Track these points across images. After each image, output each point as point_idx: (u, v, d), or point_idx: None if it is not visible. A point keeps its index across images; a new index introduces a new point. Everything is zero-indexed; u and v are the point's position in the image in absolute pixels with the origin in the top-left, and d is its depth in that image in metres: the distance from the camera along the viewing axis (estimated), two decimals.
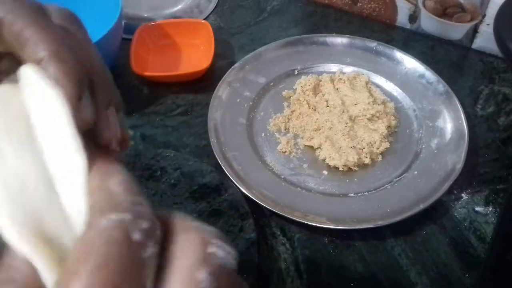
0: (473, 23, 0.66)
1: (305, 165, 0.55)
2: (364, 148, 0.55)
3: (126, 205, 0.18)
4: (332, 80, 0.61)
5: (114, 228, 0.17)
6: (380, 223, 0.48)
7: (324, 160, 0.55)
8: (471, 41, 0.68)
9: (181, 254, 0.18)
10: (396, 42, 0.70)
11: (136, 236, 0.17)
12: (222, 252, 0.19)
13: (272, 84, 0.63)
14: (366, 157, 0.54)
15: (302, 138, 0.58)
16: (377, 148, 0.55)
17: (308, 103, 0.60)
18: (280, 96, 0.62)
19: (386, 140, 0.56)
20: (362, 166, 0.55)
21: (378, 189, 0.53)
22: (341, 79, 0.61)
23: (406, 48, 0.67)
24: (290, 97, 0.61)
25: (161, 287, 0.17)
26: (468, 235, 0.50)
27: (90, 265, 0.16)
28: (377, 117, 0.57)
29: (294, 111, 0.60)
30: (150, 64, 0.66)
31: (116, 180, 0.19)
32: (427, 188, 0.51)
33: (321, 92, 0.61)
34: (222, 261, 0.18)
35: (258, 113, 0.61)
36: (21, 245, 0.18)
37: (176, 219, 0.19)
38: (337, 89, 0.61)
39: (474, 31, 0.67)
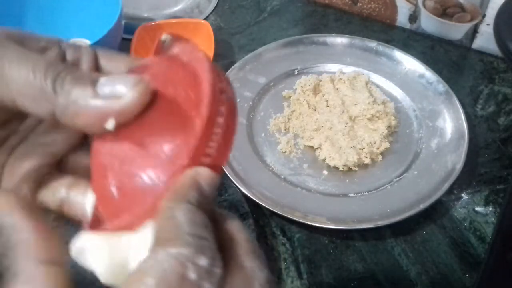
0: (473, 23, 0.66)
1: (305, 165, 0.55)
2: (364, 148, 0.55)
3: (187, 238, 0.18)
4: (332, 80, 0.61)
5: (170, 263, 0.17)
6: (380, 223, 0.48)
7: (324, 160, 0.55)
8: (471, 41, 0.68)
9: None
10: (396, 42, 0.70)
11: (192, 275, 0.17)
12: None
13: (272, 84, 0.63)
14: (366, 157, 0.54)
15: (302, 138, 0.58)
16: (377, 148, 0.55)
17: (308, 103, 0.60)
18: (280, 96, 0.62)
19: (386, 140, 0.56)
20: (362, 166, 0.55)
21: (378, 189, 0.53)
22: (341, 79, 0.61)
23: (406, 48, 0.67)
24: (290, 97, 0.61)
25: None
26: (468, 235, 0.50)
27: None
28: (377, 117, 0.57)
29: (294, 111, 0.60)
30: None
31: (185, 209, 0.19)
32: (427, 188, 0.51)
33: (321, 92, 0.61)
34: None
35: (258, 113, 0.61)
36: None
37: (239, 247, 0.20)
38: (337, 89, 0.60)
39: (474, 31, 0.67)
